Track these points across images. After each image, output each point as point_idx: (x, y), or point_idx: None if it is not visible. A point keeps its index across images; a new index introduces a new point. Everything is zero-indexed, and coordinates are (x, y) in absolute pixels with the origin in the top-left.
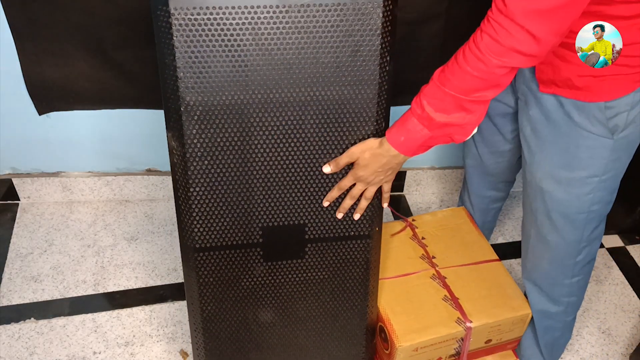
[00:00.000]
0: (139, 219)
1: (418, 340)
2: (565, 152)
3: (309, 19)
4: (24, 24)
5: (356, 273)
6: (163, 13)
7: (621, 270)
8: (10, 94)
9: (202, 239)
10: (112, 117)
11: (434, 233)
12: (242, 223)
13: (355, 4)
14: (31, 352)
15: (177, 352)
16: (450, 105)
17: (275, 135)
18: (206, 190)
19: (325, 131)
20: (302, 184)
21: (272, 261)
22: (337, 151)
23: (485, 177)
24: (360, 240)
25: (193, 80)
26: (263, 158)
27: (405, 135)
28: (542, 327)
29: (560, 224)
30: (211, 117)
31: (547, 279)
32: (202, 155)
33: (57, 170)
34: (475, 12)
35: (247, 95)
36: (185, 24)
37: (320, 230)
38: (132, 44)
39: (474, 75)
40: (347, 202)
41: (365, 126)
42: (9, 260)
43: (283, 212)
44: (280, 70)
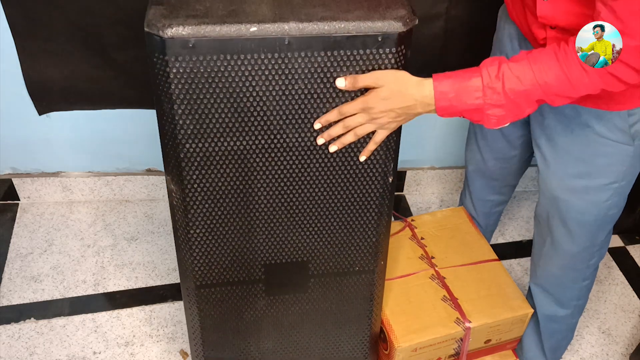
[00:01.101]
0: (139, 219)
1: (417, 340)
2: (583, 161)
3: (313, 67)
4: (23, 23)
5: (360, 305)
6: (160, 61)
7: (621, 270)
8: (10, 94)
9: (203, 276)
10: (112, 117)
11: (433, 233)
12: (243, 261)
13: (364, 50)
14: (31, 352)
15: (177, 352)
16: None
17: (278, 178)
18: (207, 232)
19: (331, 174)
20: (305, 223)
21: (274, 295)
22: (343, 190)
23: (489, 181)
24: (364, 275)
25: (192, 127)
26: (266, 200)
27: (457, 92)
28: (548, 331)
29: (576, 231)
30: (212, 163)
31: (558, 284)
32: (203, 199)
33: (57, 170)
34: (476, 12)
35: (249, 141)
36: (183, 72)
37: (323, 266)
38: (132, 44)
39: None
40: (348, 137)
41: (372, 168)
42: (9, 260)
43: (286, 250)
44: (285, 115)
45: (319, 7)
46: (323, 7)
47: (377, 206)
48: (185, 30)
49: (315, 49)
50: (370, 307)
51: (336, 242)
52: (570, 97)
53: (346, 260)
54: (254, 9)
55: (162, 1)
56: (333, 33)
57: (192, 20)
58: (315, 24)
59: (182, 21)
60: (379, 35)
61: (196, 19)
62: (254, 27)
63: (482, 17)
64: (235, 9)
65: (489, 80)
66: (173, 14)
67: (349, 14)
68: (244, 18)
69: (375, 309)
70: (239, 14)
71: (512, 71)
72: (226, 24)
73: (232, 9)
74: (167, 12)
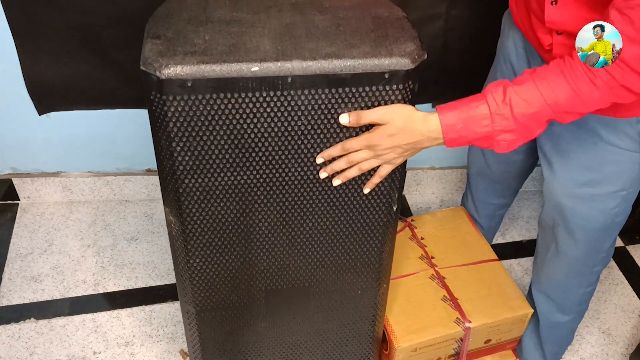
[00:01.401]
0: (139, 219)
1: (417, 340)
2: (590, 169)
3: (316, 104)
4: (23, 23)
5: (362, 325)
6: (157, 100)
7: (621, 270)
8: (10, 94)
9: (203, 302)
10: (112, 117)
11: (433, 233)
12: (244, 287)
13: (370, 87)
14: (31, 352)
15: (177, 352)
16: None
17: (280, 210)
18: (207, 261)
19: (334, 205)
20: (307, 251)
21: (275, 317)
22: (346, 220)
23: (492, 184)
24: (367, 296)
25: (192, 163)
26: (267, 230)
27: (464, 122)
28: (549, 336)
29: (582, 238)
30: (211, 196)
31: (561, 290)
32: (202, 230)
33: (57, 170)
34: (475, 12)
35: (250, 175)
36: (182, 111)
37: (325, 289)
38: (132, 44)
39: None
40: (352, 172)
41: (376, 199)
42: (9, 260)
43: (287, 276)
44: (287, 150)
45: (323, 40)
46: (327, 40)
47: (380, 234)
48: (183, 70)
49: (319, 86)
50: (373, 326)
51: (338, 268)
52: (581, 112)
53: (348, 284)
54: (255, 43)
55: (159, 34)
56: (338, 71)
57: (191, 58)
58: (319, 62)
59: (179, 60)
60: (385, 72)
61: (195, 56)
62: (256, 66)
63: (482, 17)
64: (235, 43)
65: (496, 107)
66: (170, 51)
67: (354, 49)
68: (245, 56)
69: (377, 328)
70: (239, 50)
71: (519, 95)
72: (226, 62)
73: (233, 44)
74: (164, 49)
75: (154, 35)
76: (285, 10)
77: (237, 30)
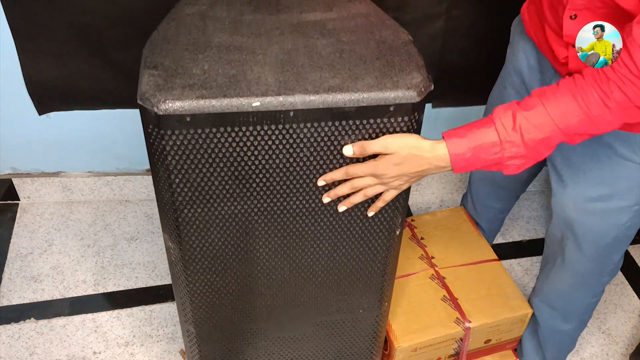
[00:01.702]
0: (139, 219)
1: (417, 340)
2: (603, 183)
3: (319, 136)
4: (24, 24)
5: (363, 342)
6: (155, 134)
7: (621, 270)
8: (10, 94)
9: (204, 323)
10: (112, 117)
11: (433, 233)
12: (244, 308)
13: (374, 120)
14: (31, 352)
15: (177, 352)
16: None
17: (281, 236)
18: (207, 285)
19: (337, 232)
20: (309, 275)
21: (276, 335)
22: (348, 245)
23: (495, 189)
24: (368, 315)
25: (191, 194)
26: (268, 256)
27: (473, 151)
28: (550, 342)
29: (591, 252)
30: (211, 225)
31: (566, 300)
32: (202, 257)
33: (57, 170)
34: (476, 12)
35: (250, 205)
36: (180, 144)
37: (327, 309)
38: (132, 44)
39: None
40: (357, 198)
41: (379, 224)
42: (9, 260)
43: (288, 298)
44: (288, 181)
45: (326, 69)
46: (330, 71)
47: (383, 257)
48: (182, 106)
49: (322, 119)
50: (373, 343)
51: (340, 290)
52: (592, 134)
53: (350, 304)
54: (256, 74)
55: (157, 64)
56: (342, 105)
57: (189, 92)
58: (322, 96)
59: (178, 94)
60: (391, 105)
61: (193, 90)
62: (257, 101)
63: (483, 17)
64: (235, 74)
65: (506, 134)
66: (168, 84)
67: (358, 81)
68: (246, 89)
69: (377, 344)
70: (240, 82)
71: (529, 121)
72: (226, 97)
73: (233, 74)
74: (161, 81)
75: (151, 64)
76: (286, 33)
77: (237, 57)
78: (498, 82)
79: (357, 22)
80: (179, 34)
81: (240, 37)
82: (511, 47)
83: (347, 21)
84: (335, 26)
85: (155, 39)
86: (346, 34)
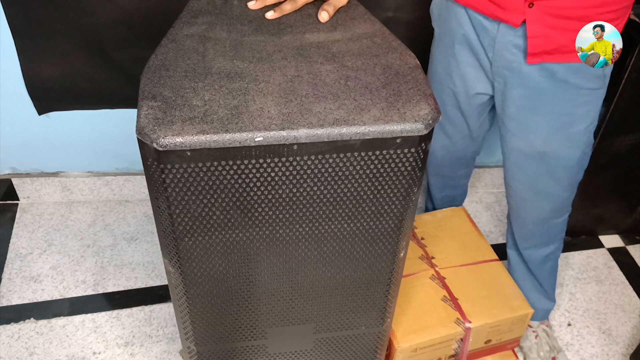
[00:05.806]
0: (139, 219)
1: (417, 341)
2: (563, 114)
3: (323, 168)
4: (23, 23)
5: (365, 357)
6: (155, 167)
7: (621, 270)
8: (10, 94)
9: (204, 341)
10: (112, 117)
11: (433, 233)
12: (245, 328)
13: (380, 151)
14: (31, 352)
15: (176, 352)
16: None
17: (283, 261)
18: (207, 307)
19: (340, 257)
20: (311, 297)
21: (277, 351)
22: (352, 268)
23: (458, 159)
24: (370, 332)
25: (191, 224)
26: (269, 279)
27: None
28: (544, 272)
29: (563, 177)
30: (212, 252)
31: (546, 228)
32: (203, 282)
33: (57, 170)
34: None
35: (252, 232)
36: (181, 177)
37: (328, 326)
38: (132, 44)
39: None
40: (287, 6)
41: (383, 248)
42: (9, 260)
43: (290, 317)
44: (291, 210)
45: (331, 100)
46: (335, 101)
47: (386, 279)
48: (182, 141)
49: (326, 152)
50: (374, 358)
51: (342, 310)
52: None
53: (352, 323)
54: (258, 105)
55: (155, 94)
56: (347, 138)
57: (190, 127)
58: (327, 130)
59: (178, 129)
60: (397, 137)
61: (194, 124)
62: (260, 136)
63: None
64: (237, 105)
65: None
66: (167, 117)
67: (364, 113)
68: (248, 123)
69: (378, 358)
70: (242, 115)
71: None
72: (228, 132)
73: (234, 105)
74: (160, 114)
75: (150, 95)
76: (289, 57)
77: (238, 86)
78: (435, 60)
79: (362, 44)
80: (177, 59)
81: (242, 62)
82: (439, 24)
83: (352, 43)
84: (340, 49)
85: (153, 64)
86: (351, 58)
